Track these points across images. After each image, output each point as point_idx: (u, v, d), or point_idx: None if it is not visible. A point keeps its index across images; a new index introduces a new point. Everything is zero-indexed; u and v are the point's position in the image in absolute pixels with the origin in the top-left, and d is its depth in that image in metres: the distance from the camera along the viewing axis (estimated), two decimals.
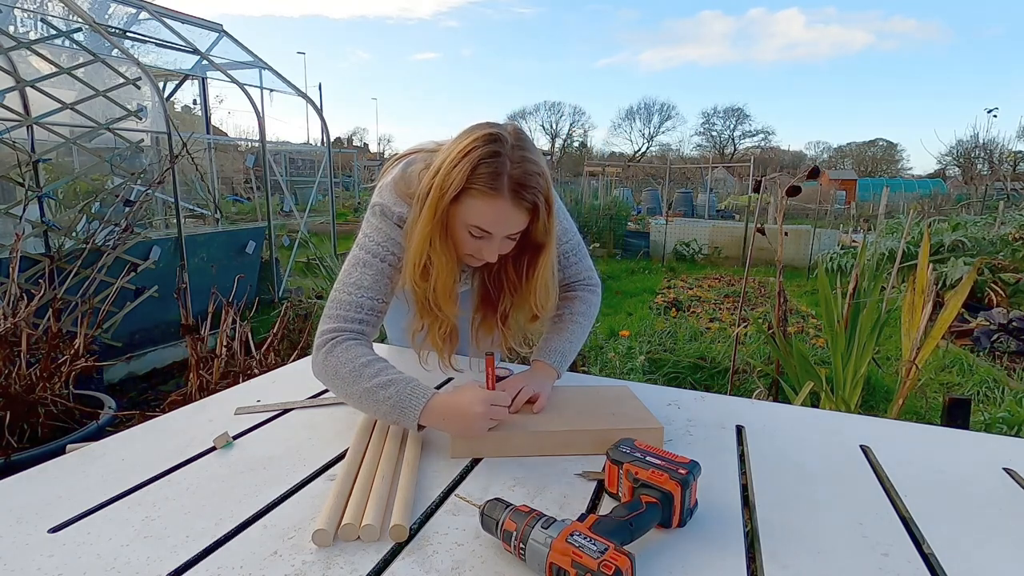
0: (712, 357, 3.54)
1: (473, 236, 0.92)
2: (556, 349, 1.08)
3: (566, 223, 1.14)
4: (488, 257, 0.94)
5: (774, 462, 0.88)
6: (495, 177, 0.86)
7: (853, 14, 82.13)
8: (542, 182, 0.90)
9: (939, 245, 6.06)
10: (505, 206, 0.88)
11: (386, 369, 0.89)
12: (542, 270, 1.00)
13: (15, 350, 1.97)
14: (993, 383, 3.22)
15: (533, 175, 0.89)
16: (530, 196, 0.89)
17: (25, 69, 3.71)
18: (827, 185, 17.02)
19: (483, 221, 0.90)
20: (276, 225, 4.85)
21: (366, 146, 47.34)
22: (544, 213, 0.92)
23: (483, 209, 0.89)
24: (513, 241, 0.96)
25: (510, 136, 0.89)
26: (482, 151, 0.87)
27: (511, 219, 0.90)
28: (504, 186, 0.87)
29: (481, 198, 0.88)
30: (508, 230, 0.92)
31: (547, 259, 0.99)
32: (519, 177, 0.87)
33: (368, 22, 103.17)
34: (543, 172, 0.91)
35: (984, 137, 25.62)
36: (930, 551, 0.67)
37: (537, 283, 1.01)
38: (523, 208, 0.90)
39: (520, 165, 0.88)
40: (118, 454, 0.88)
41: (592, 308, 1.17)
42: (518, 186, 0.87)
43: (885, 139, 48.93)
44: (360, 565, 0.63)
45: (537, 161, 0.90)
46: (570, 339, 1.10)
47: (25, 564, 0.62)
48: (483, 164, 0.86)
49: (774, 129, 65.08)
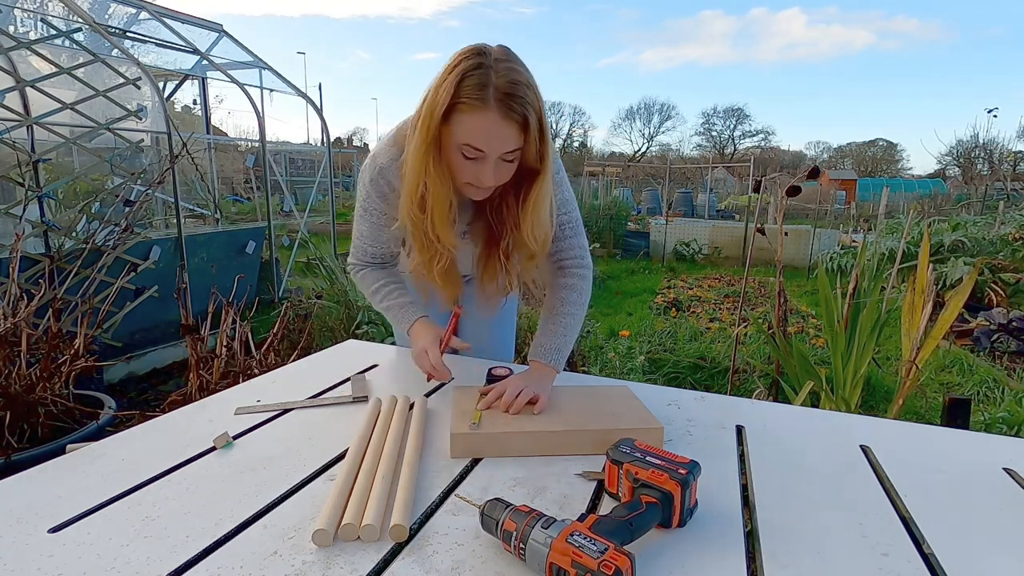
0: (712, 357, 3.54)
1: (468, 158, 0.91)
2: (552, 347, 1.08)
3: (567, 194, 1.13)
4: (486, 181, 0.93)
5: (774, 462, 0.88)
6: (481, 88, 0.85)
7: (855, 14, 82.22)
8: (531, 95, 0.88)
9: (939, 245, 6.06)
10: (493, 118, 0.87)
11: (388, 295, 1.17)
12: (536, 199, 0.98)
13: (15, 350, 1.97)
14: (993, 383, 3.22)
15: (520, 85, 0.87)
16: (519, 107, 0.87)
17: (25, 69, 3.71)
18: (827, 185, 17.02)
19: (473, 137, 0.89)
20: (276, 225, 4.84)
21: (366, 146, 47.32)
22: (536, 131, 0.90)
23: (472, 124, 0.88)
24: (509, 164, 0.94)
25: (496, 51, 0.89)
26: (467, 64, 0.87)
27: (501, 133, 0.88)
28: (491, 96, 0.86)
29: (469, 112, 0.87)
30: (501, 147, 0.90)
31: (542, 188, 0.97)
32: (505, 87, 0.86)
33: (369, 22, 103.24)
34: (532, 86, 0.89)
35: (984, 137, 25.67)
36: (930, 551, 0.67)
37: (531, 214, 0.99)
38: (513, 121, 0.88)
39: (506, 75, 0.86)
40: (118, 454, 0.88)
41: (584, 296, 1.15)
42: (505, 96, 0.86)
43: (885, 139, 48.97)
44: (360, 565, 0.63)
45: (525, 74, 0.89)
46: (564, 334, 1.10)
47: (25, 564, 0.62)
48: (468, 77, 0.86)
49: (774, 129, 65.23)
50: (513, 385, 0.98)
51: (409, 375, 1.25)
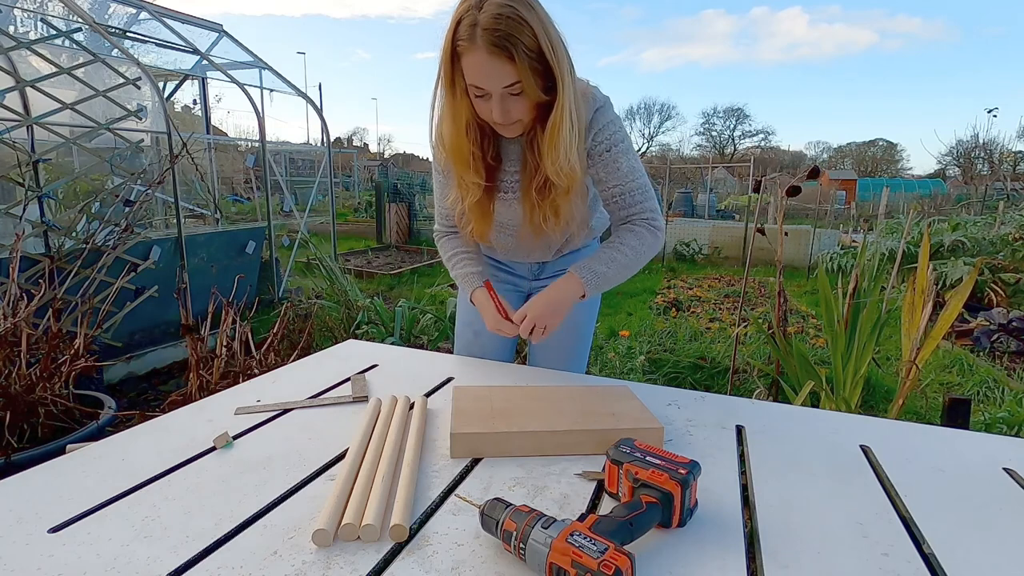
0: (712, 357, 3.54)
1: (479, 98, 0.96)
2: (591, 268, 1.09)
3: (635, 163, 1.14)
4: (497, 117, 0.97)
5: (774, 462, 0.88)
6: (471, 27, 0.89)
7: (857, 12, 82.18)
8: (520, 28, 0.88)
9: (939, 245, 6.06)
10: (481, 56, 0.89)
11: (458, 263, 1.25)
12: (552, 127, 0.99)
13: (15, 350, 1.97)
14: (993, 383, 3.22)
15: (504, 19, 0.87)
16: (502, 42, 0.88)
17: (25, 69, 3.71)
18: (827, 185, 17.01)
19: (472, 76, 0.93)
20: (276, 225, 4.84)
21: (366, 146, 47.37)
22: (530, 63, 0.91)
23: (468, 64, 0.92)
24: (517, 97, 0.95)
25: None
26: (461, 8, 0.90)
27: (492, 69, 0.91)
28: (477, 36, 0.88)
29: (465, 54, 0.91)
30: (498, 83, 0.92)
31: (556, 116, 0.98)
32: (487, 22, 0.87)
33: (369, 21, 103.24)
34: (523, 19, 0.89)
35: (984, 137, 25.67)
36: (930, 551, 0.67)
37: (548, 142, 1.00)
38: (500, 56, 0.89)
39: (491, 10, 0.87)
40: (118, 454, 0.88)
41: (644, 244, 1.14)
42: (487, 32, 0.87)
43: (885, 139, 48.99)
44: (360, 565, 0.63)
45: (515, 6, 0.89)
46: (610, 263, 1.10)
47: (25, 564, 0.62)
48: (463, 19, 0.89)
49: (774, 129, 65.19)
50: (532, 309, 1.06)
51: (409, 375, 1.25)
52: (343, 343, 1.52)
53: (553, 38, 0.93)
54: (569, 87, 0.97)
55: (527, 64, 0.91)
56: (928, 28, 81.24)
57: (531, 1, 0.92)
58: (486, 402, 0.98)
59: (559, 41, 0.95)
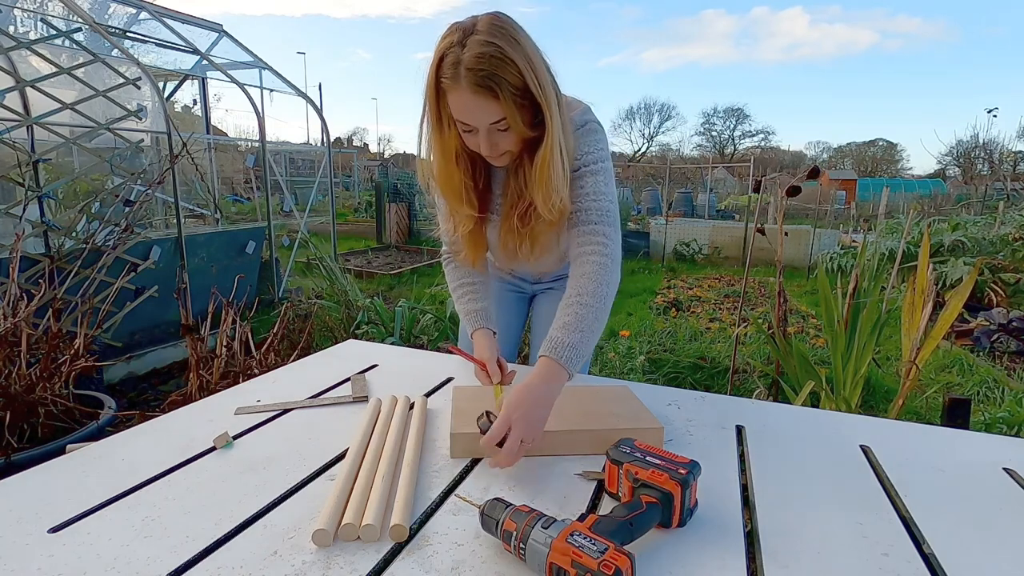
0: (712, 357, 3.54)
1: (467, 132, 0.95)
2: (564, 342, 0.91)
3: (604, 187, 1.05)
4: (484, 151, 0.96)
5: (774, 462, 0.88)
6: (454, 66, 0.88)
7: (858, 12, 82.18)
8: (501, 64, 0.87)
9: (939, 245, 6.06)
10: (465, 95, 0.89)
11: (461, 297, 1.21)
12: (540, 163, 0.97)
13: (15, 350, 1.97)
14: (993, 383, 3.22)
15: (487, 58, 0.86)
16: (485, 81, 0.87)
17: (25, 69, 3.71)
18: (827, 185, 17.01)
19: (456, 113, 0.93)
20: (276, 225, 4.84)
21: (366, 146, 47.38)
22: (515, 100, 0.90)
23: (453, 101, 0.91)
24: (504, 132, 0.94)
25: (480, 23, 0.88)
26: (444, 43, 0.89)
27: (477, 108, 0.90)
28: (461, 75, 0.87)
29: (450, 92, 0.90)
30: (484, 120, 0.92)
31: (544, 152, 0.96)
32: (471, 62, 0.86)
33: (370, 21, 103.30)
34: (506, 55, 0.87)
35: (984, 137, 25.67)
36: (930, 551, 0.67)
37: (538, 177, 0.99)
38: (483, 95, 0.88)
39: (474, 49, 0.86)
40: (118, 454, 0.88)
41: (602, 287, 0.98)
42: (470, 72, 0.86)
43: (885, 139, 48.97)
44: (360, 565, 0.63)
45: (501, 44, 0.87)
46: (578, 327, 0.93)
47: (25, 564, 0.62)
48: (446, 56, 0.88)
49: (774, 129, 65.16)
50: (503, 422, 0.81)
51: (409, 375, 1.25)
52: (343, 343, 1.52)
53: (539, 72, 0.91)
54: (557, 120, 0.95)
55: (512, 101, 0.89)
56: (929, 28, 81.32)
57: (515, 34, 0.89)
58: (486, 403, 0.98)
59: (545, 73, 0.92)
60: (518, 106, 0.91)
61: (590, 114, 1.08)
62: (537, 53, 0.92)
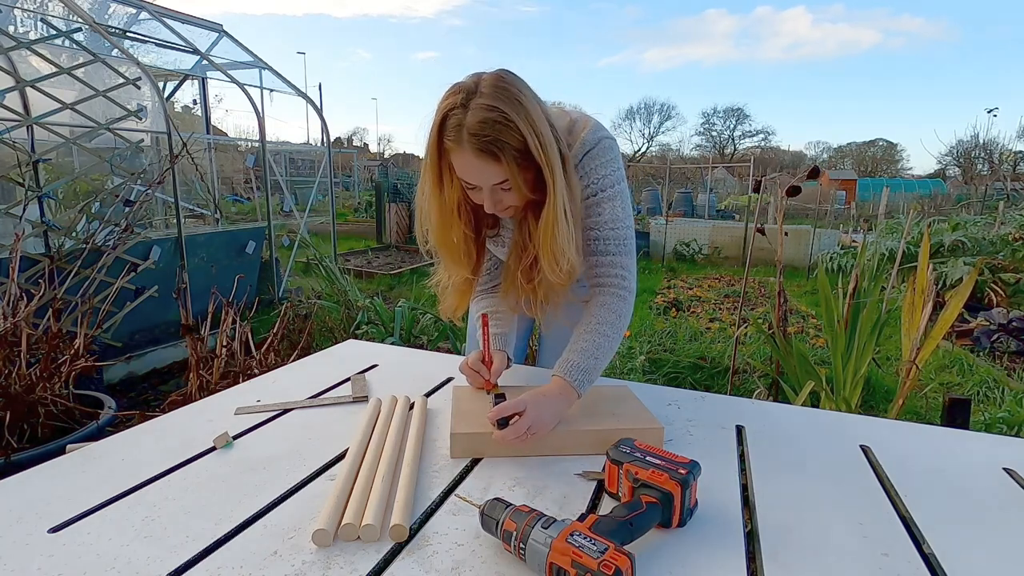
0: (712, 357, 3.54)
1: (470, 189, 0.96)
2: (578, 365, 0.95)
3: (620, 212, 1.05)
4: (488, 208, 0.96)
5: (774, 462, 0.88)
6: (456, 129, 0.88)
7: (861, 12, 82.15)
8: (504, 129, 0.87)
9: (939, 245, 6.06)
10: (468, 157, 0.89)
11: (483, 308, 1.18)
12: (545, 224, 0.95)
13: (15, 350, 1.97)
14: (993, 383, 3.22)
15: (489, 123, 0.86)
16: (488, 146, 0.87)
17: (25, 69, 3.71)
18: (827, 185, 17.01)
19: (459, 172, 0.93)
20: (276, 225, 4.84)
21: (366, 146, 47.37)
22: (518, 163, 0.90)
23: (455, 161, 0.92)
24: (508, 191, 0.94)
25: (484, 84, 0.88)
26: (446, 104, 0.89)
27: (479, 170, 0.90)
28: (464, 139, 0.87)
29: (452, 152, 0.91)
30: (487, 180, 0.92)
31: (549, 214, 0.94)
32: (474, 127, 0.86)
33: (370, 21, 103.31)
34: (509, 120, 0.86)
35: (984, 137, 25.68)
36: (930, 551, 0.67)
37: (543, 237, 0.97)
38: (486, 158, 0.88)
39: (478, 113, 0.86)
40: (118, 454, 0.88)
41: (620, 318, 1.03)
42: (473, 136, 0.86)
43: (885, 139, 48.95)
44: (360, 565, 0.63)
45: (502, 108, 0.86)
46: (594, 354, 0.98)
47: (25, 564, 0.62)
48: (448, 118, 0.89)
49: (774, 129, 65.07)
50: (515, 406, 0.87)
51: (409, 375, 1.25)
52: (343, 343, 1.52)
53: (542, 133, 0.89)
54: (560, 182, 0.93)
55: (515, 163, 0.89)
56: (931, 28, 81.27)
57: (519, 96, 0.88)
58: (486, 402, 0.98)
59: (548, 134, 0.91)
60: (521, 168, 0.91)
61: (602, 130, 1.05)
62: (541, 115, 0.91)
